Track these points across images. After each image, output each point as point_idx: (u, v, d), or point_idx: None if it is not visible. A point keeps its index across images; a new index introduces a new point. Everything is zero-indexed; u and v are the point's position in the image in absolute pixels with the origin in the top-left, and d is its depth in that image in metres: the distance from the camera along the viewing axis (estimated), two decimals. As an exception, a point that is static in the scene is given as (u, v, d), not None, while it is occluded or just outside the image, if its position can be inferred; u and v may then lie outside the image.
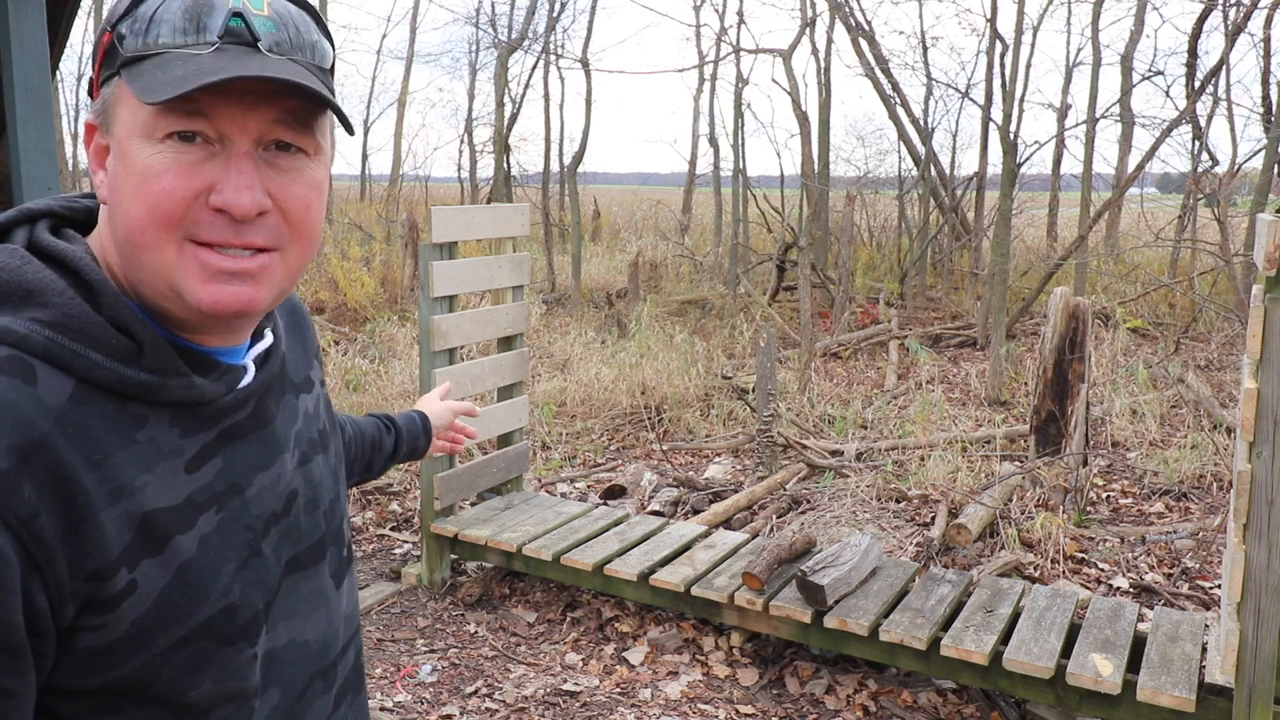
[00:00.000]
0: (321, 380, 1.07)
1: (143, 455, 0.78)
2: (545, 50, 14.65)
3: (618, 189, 33.46)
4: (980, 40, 16.21)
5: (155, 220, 0.76)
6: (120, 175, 0.78)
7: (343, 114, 0.82)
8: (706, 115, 15.63)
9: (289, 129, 0.80)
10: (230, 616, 0.82)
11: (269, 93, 0.78)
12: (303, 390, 0.99)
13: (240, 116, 0.77)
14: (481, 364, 4.46)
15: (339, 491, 1.01)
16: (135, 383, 0.78)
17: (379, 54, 28.23)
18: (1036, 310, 10.14)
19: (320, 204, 0.84)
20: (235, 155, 0.77)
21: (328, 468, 0.99)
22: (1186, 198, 10.98)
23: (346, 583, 1.00)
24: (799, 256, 9.32)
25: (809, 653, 3.60)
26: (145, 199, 0.76)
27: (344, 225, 16.11)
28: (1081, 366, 5.16)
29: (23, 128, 3.35)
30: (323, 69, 0.83)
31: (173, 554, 0.78)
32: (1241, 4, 8.97)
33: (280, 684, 0.89)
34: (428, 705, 3.34)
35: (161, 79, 0.74)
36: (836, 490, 5.10)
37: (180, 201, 0.76)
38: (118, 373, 0.77)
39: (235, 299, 0.79)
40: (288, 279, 0.84)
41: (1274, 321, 2.52)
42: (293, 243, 0.82)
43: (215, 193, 0.77)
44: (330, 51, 0.85)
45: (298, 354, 1.01)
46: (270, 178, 0.79)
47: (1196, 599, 4.04)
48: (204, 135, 0.77)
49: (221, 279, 0.78)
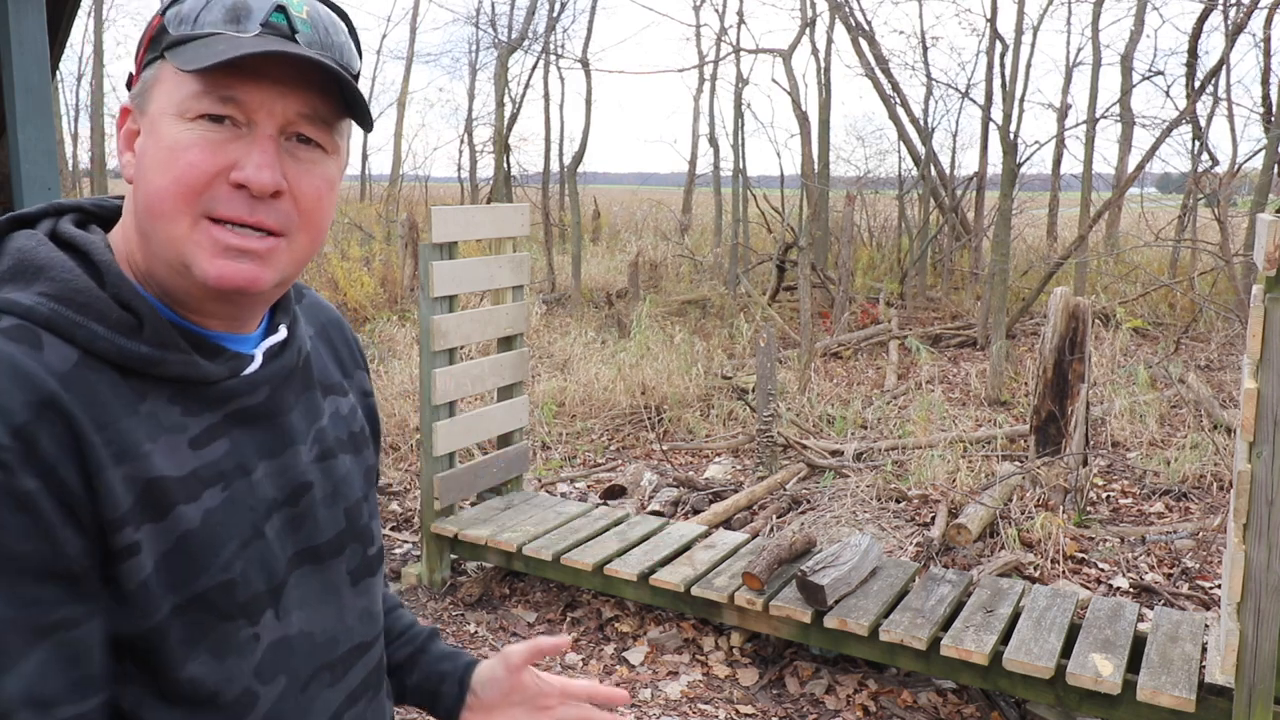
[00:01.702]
0: (366, 391, 1.10)
1: (145, 426, 0.81)
2: (545, 50, 14.66)
3: (618, 189, 33.47)
4: (980, 40, 16.22)
5: (178, 190, 0.81)
6: (149, 151, 0.83)
7: (366, 110, 0.87)
8: (706, 115, 15.65)
9: (311, 124, 0.84)
10: (229, 592, 0.84)
11: (299, 84, 0.83)
12: (335, 393, 1.02)
13: (269, 102, 0.82)
14: (481, 364, 4.46)
15: (368, 493, 1.03)
16: (135, 355, 0.81)
17: (379, 54, 28.18)
18: (1036, 310, 10.14)
19: (331, 199, 0.89)
20: (260, 137, 0.82)
21: (358, 469, 1.02)
22: (1186, 198, 10.98)
23: (369, 582, 1.02)
24: (799, 256, 9.32)
25: (809, 653, 3.60)
26: (170, 170, 0.81)
27: (344, 225, 16.11)
28: (1081, 366, 5.16)
29: (23, 128, 3.35)
30: (350, 71, 0.88)
31: (174, 522, 0.81)
32: (1241, 4, 8.97)
33: (288, 672, 0.91)
34: (428, 705, 3.34)
35: (205, 53, 0.80)
36: (836, 490, 5.10)
37: (204, 175, 0.81)
38: (118, 345, 0.80)
39: (240, 274, 0.83)
40: (292, 266, 0.87)
41: (1274, 321, 2.52)
42: (300, 230, 0.86)
43: (237, 169, 0.81)
44: (358, 60, 0.91)
45: (328, 359, 1.05)
46: (289, 165, 0.84)
47: (1196, 599, 4.04)
48: (233, 119, 0.81)
49: (231, 254, 0.82)
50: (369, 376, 1.13)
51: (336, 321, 1.10)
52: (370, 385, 1.12)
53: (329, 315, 1.09)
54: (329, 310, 1.10)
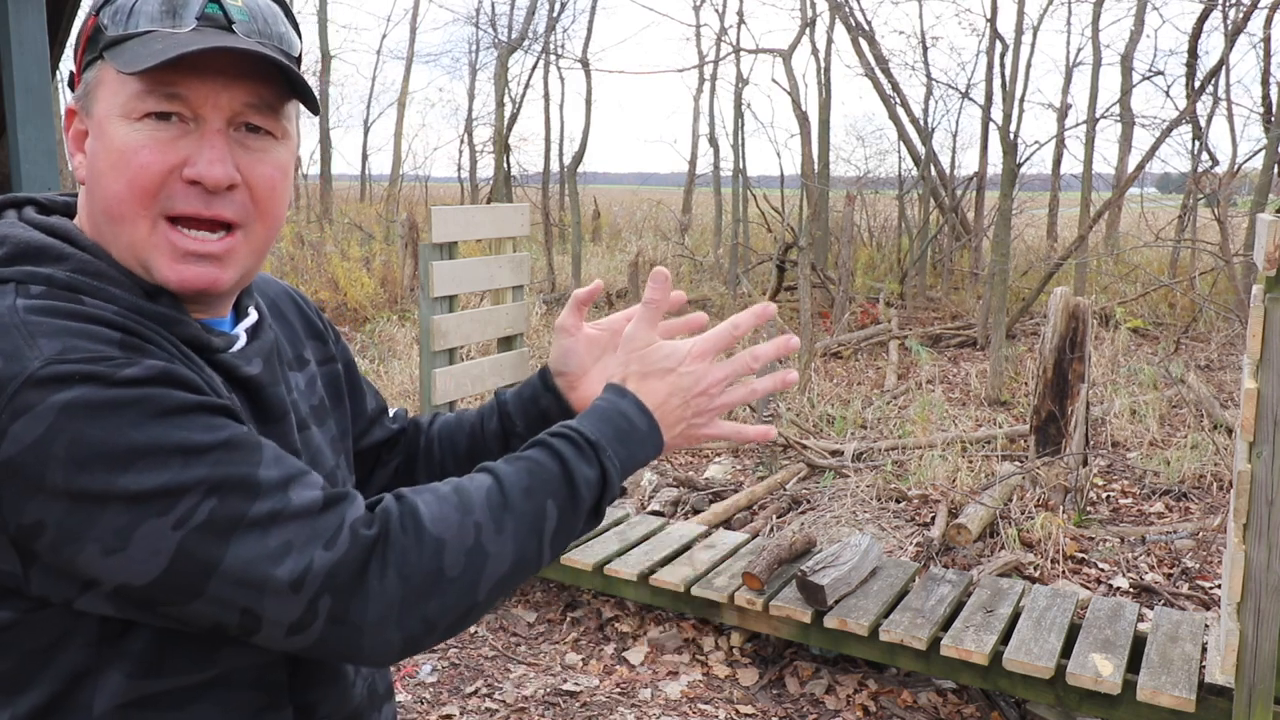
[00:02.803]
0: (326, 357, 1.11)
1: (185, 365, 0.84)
2: (545, 50, 14.66)
3: (618, 189, 33.48)
4: (980, 40, 16.22)
5: (133, 194, 0.82)
6: (99, 154, 0.83)
7: (310, 93, 0.87)
8: (706, 115, 15.67)
9: (259, 113, 0.85)
10: None
11: (242, 75, 0.83)
12: (295, 368, 1.04)
13: (214, 95, 0.82)
14: (481, 364, 4.46)
15: (339, 462, 1.05)
16: (154, 313, 0.83)
17: (379, 54, 28.23)
18: (1036, 310, 10.14)
19: (285, 185, 0.90)
20: (209, 132, 0.83)
21: (326, 439, 1.04)
22: (1186, 198, 10.98)
23: None
24: (799, 256, 9.32)
25: (809, 653, 3.60)
26: (124, 173, 0.81)
27: (344, 225, 16.11)
28: (1081, 366, 5.16)
29: (23, 128, 3.36)
30: (291, 56, 0.88)
31: None
32: (1241, 4, 8.97)
33: None
34: (428, 705, 3.34)
35: (143, 53, 0.80)
36: (836, 490, 5.10)
37: (157, 175, 0.81)
38: (138, 304, 0.83)
39: (201, 278, 0.85)
40: (252, 257, 0.89)
41: (1274, 321, 2.52)
42: (257, 220, 0.88)
43: (189, 166, 0.82)
44: (298, 43, 0.91)
45: (282, 335, 1.06)
46: (240, 156, 0.85)
47: (1196, 599, 4.04)
48: (179, 115, 0.82)
49: (190, 260, 0.84)
50: (331, 336, 1.13)
51: (284, 293, 1.10)
52: (333, 348, 1.12)
53: (275, 289, 1.10)
54: (274, 284, 1.11)
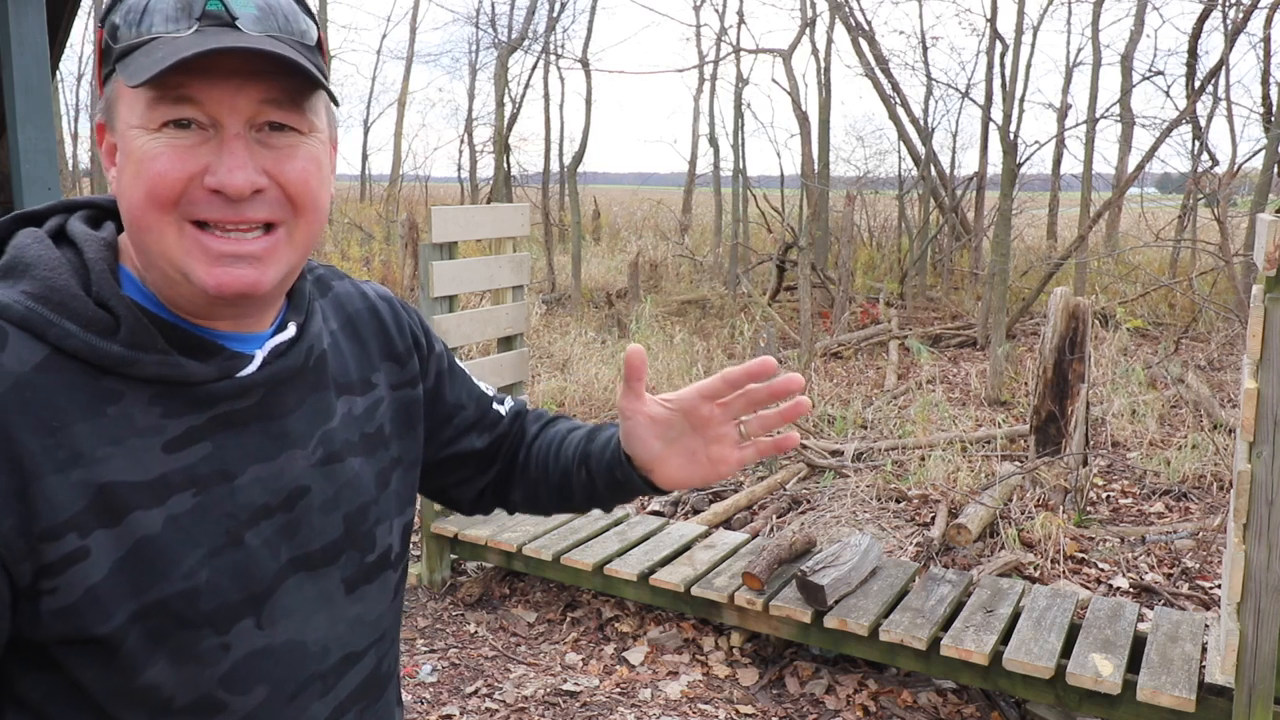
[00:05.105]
0: (403, 383, 1.05)
1: (110, 429, 0.79)
2: (545, 50, 14.66)
3: (618, 189, 33.47)
4: (980, 40, 16.22)
5: (152, 202, 0.79)
6: (125, 167, 0.81)
7: (324, 84, 0.83)
8: (706, 115, 15.64)
9: (279, 109, 0.81)
10: (192, 600, 0.82)
11: (254, 73, 0.79)
12: (350, 392, 0.98)
13: (228, 98, 0.79)
14: (481, 364, 4.46)
15: (379, 497, 0.99)
16: (108, 355, 0.80)
17: (379, 54, 28.26)
18: (1036, 310, 10.14)
19: (321, 177, 0.85)
20: (227, 138, 0.80)
21: (370, 471, 0.98)
22: (1186, 198, 10.97)
23: (367, 589, 0.97)
24: (799, 256, 9.32)
25: (809, 653, 3.60)
26: (143, 183, 0.79)
27: (344, 225, 16.11)
28: (1081, 366, 5.16)
29: (23, 128, 3.35)
30: (306, 46, 0.84)
31: (130, 528, 0.79)
32: (1241, 4, 8.97)
33: (270, 682, 0.88)
34: (428, 705, 3.34)
35: (146, 63, 0.77)
36: (836, 490, 5.10)
37: (175, 183, 0.79)
38: (90, 344, 0.79)
39: (239, 281, 0.81)
40: (296, 255, 0.85)
41: (1274, 321, 2.52)
42: (296, 216, 0.84)
43: (210, 174, 0.79)
44: (314, 29, 0.86)
45: (349, 356, 1.00)
46: (265, 156, 0.81)
47: (1196, 599, 4.04)
48: (197, 122, 0.79)
49: (226, 261, 0.81)
50: (421, 354, 1.08)
51: (368, 311, 1.05)
52: (417, 368, 1.07)
53: (358, 306, 1.04)
54: (361, 300, 1.05)
